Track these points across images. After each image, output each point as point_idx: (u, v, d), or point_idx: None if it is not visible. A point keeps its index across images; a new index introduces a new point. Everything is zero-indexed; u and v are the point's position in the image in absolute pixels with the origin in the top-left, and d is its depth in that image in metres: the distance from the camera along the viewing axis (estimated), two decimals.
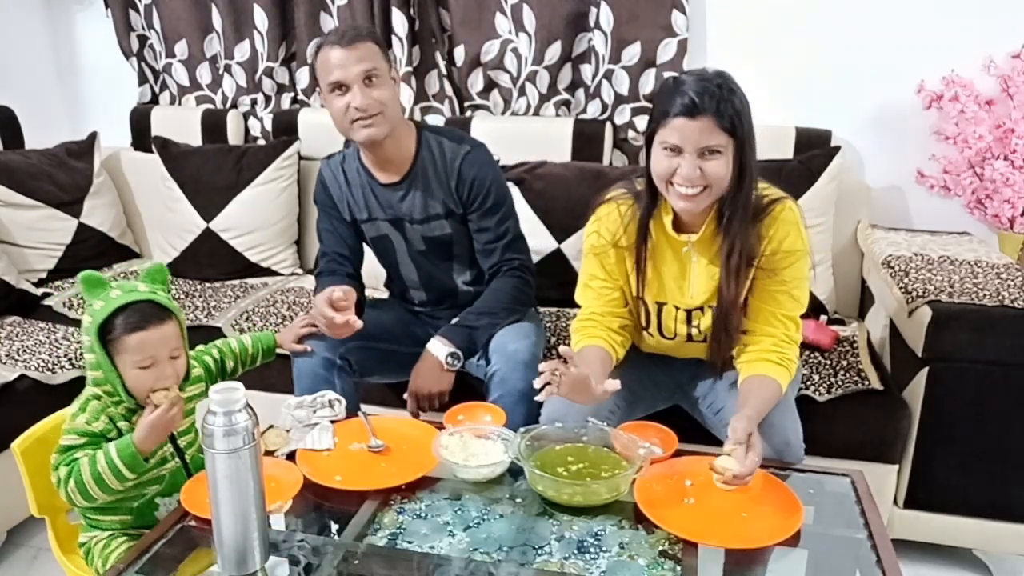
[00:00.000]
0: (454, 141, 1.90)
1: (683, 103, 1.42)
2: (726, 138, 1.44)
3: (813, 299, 2.23)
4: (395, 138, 1.83)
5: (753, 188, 1.52)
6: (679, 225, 1.59)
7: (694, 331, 1.66)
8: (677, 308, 1.65)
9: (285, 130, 2.82)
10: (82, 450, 1.36)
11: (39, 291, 2.52)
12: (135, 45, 3.01)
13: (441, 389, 1.78)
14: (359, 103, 1.74)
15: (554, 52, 2.56)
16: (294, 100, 2.95)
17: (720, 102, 1.42)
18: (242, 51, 2.87)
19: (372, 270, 2.10)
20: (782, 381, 1.53)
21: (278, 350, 1.78)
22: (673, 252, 1.62)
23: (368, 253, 2.04)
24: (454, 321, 1.86)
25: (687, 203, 1.49)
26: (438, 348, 1.80)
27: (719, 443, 1.45)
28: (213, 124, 2.90)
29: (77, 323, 2.34)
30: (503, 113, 2.71)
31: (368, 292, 2.10)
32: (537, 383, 1.40)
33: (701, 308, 1.63)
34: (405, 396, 1.81)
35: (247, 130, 2.97)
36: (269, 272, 2.72)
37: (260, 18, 2.79)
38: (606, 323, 1.66)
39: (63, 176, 2.70)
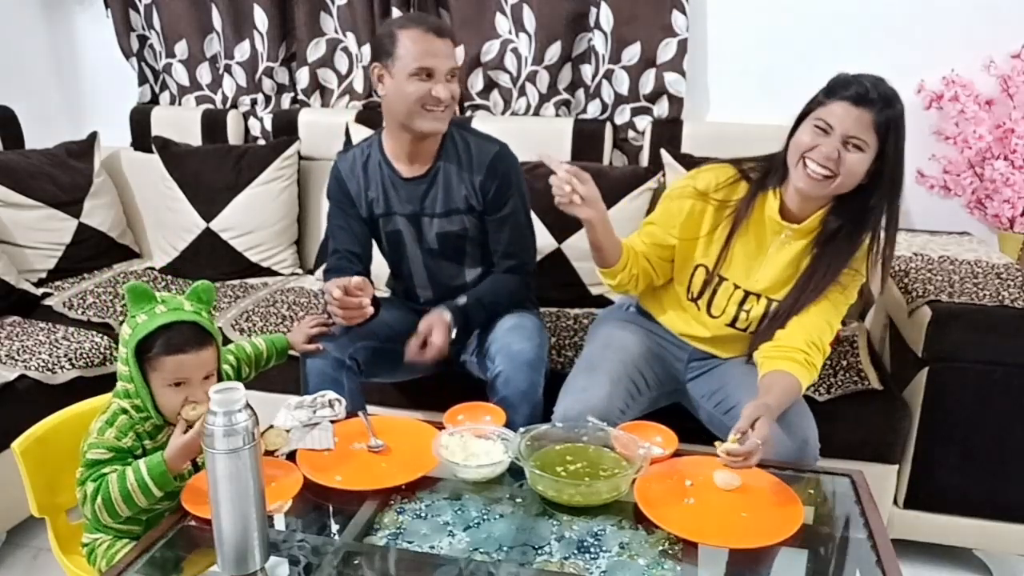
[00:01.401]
0: (480, 137, 1.93)
1: (857, 90, 1.48)
2: (875, 139, 1.48)
3: None
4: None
5: (895, 204, 1.56)
6: (782, 212, 1.62)
7: (742, 315, 1.68)
8: (736, 287, 1.67)
9: (285, 130, 2.82)
10: (109, 465, 1.35)
11: (39, 291, 2.52)
12: (135, 45, 3.01)
13: (445, 344, 1.78)
14: (443, 95, 1.77)
15: (554, 52, 2.56)
16: (294, 100, 2.95)
17: (887, 105, 1.48)
18: (242, 51, 2.87)
19: (374, 269, 2.09)
20: (803, 381, 1.54)
21: (289, 351, 1.78)
22: (758, 233, 1.64)
23: (374, 252, 2.04)
24: (461, 302, 1.85)
25: (810, 184, 1.53)
26: (445, 313, 1.81)
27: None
28: (213, 124, 2.90)
29: (77, 323, 2.35)
30: (503, 113, 2.71)
31: None
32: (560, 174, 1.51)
33: (758, 295, 1.65)
34: (410, 349, 1.78)
35: (247, 130, 2.97)
36: (269, 272, 2.72)
37: (260, 18, 2.79)
38: (637, 252, 1.70)
39: (63, 176, 2.70)
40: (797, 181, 1.55)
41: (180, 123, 2.92)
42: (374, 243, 2.03)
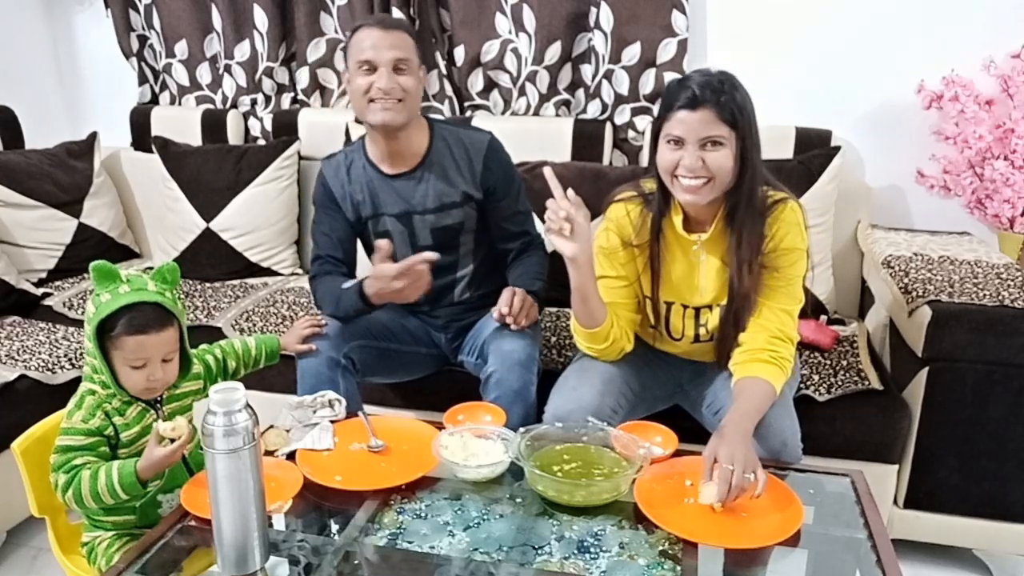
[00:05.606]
0: (468, 129, 1.96)
1: (685, 96, 1.48)
2: (727, 130, 1.48)
3: (813, 299, 2.24)
4: (408, 131, 1.84)
5: (757, 183, 1.54)
6: (689, 225, 1.62)
7: (702, 330, 1.68)
8: (685, 307, 1.67)
9: (285, 130, 2.83)
10: (82, 455, 1.36)
11: (39, 291, 2.52)
12: (135, 45, 3.01)
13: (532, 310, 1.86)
14: (384, 85, 1.76)
15: (554, 52, 2.56)
16: (294, 100, 2.95)
17: (721, 95, 1.47)
18: (242, 51, 2.87)
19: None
20: (774, 381, 1.53)
21: (282, 352, 1.77)
22: (682, 251, 1.64)
23: (364, 257, 2.04)
24: (534, 287, 1.91)
25: (692, 195, 1.52)
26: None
27: None
28: (213, 124, 2.90)
29: (77, 323, 2.34)
30: (503, 113, 2.72)
31: None
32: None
33: (709, 307, 1.65)
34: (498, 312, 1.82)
35: (247, 130, 2.97)
36: (269, 272, 2.72)
37: (260, 18, 2.79)
38: (614, 311, 1.68)
39: (63, 176, 2.70)
40: (681, 196, 1.54)
41: (180, 123, 2.91)
42: (361, 249, 2.02)
